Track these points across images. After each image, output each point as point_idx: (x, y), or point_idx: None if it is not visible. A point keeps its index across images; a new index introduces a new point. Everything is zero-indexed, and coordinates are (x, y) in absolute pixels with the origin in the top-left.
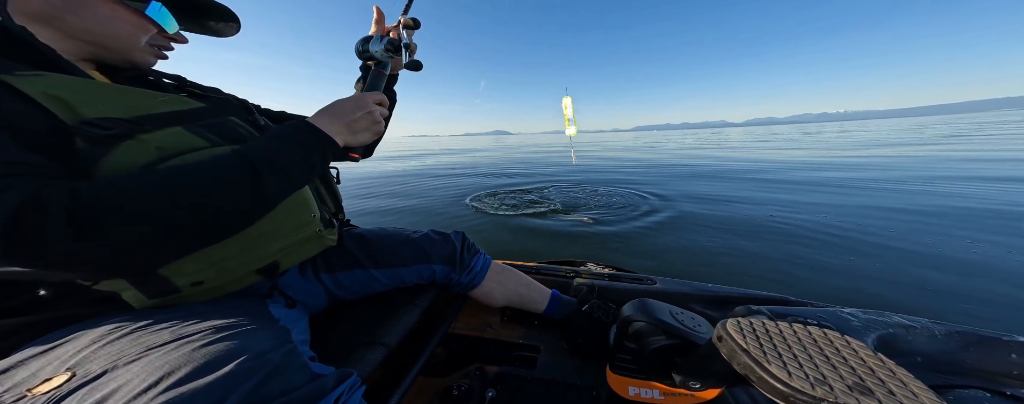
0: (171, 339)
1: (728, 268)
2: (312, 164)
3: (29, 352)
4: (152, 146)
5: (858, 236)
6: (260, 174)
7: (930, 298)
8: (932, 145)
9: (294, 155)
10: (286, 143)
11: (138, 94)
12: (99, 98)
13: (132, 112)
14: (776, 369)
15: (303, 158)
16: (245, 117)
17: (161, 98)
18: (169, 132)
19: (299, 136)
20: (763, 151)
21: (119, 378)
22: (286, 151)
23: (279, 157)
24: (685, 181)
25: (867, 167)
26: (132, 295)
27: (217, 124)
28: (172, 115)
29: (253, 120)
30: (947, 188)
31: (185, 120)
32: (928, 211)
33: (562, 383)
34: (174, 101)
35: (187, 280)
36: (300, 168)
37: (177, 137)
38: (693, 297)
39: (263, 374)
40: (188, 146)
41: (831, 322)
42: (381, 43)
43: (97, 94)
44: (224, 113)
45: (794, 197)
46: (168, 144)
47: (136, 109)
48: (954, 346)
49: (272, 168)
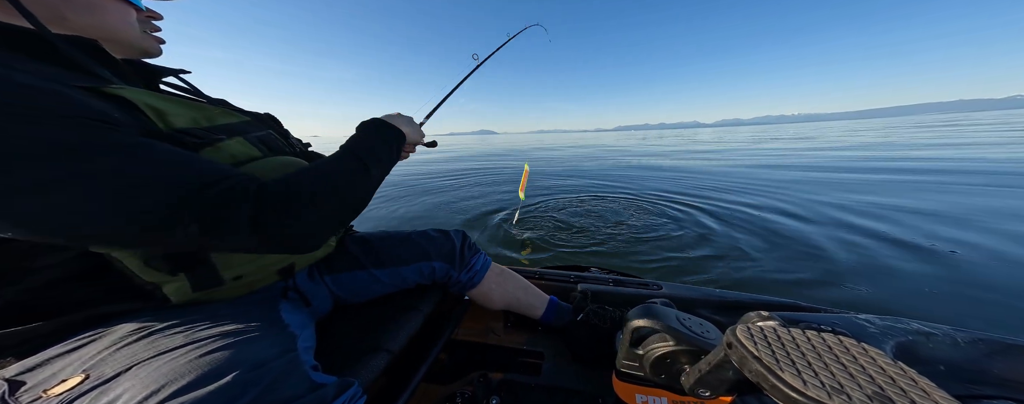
0: (183, 343)
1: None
2: (395, 151)
3: (55, 350)
4: (226, 153)
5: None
6: (367, 165)
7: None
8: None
9: (382, 148)
10: (376, 140)
11: (197, 107)
12: (178, 109)
13: (205, 123)
14: (790, 377)
15: (386, 149)
16: (277, 130)
17: (216, 111)
18: (235, 141)
19: (380, 133)
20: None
21: (125, 383)
22: (376, 146)
23: (374, 150)
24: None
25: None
26: (176, 288)
27: (264, 137)
28: (231, 127)
29: (283, 132)
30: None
31: (242, 132)
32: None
33: (567, 390)
34: (227, 114)
35: (232, 274)
36: (388, 154)
37: (241, 146)
38: (700, 302)
39: (264, 384)
40: (248, 155)
41: (847, 329)
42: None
43: (175, 106)
44: (264, 127)
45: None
46: (237, 152)
47: (207, 121)
48: (978, 354)
49: (374, 159)
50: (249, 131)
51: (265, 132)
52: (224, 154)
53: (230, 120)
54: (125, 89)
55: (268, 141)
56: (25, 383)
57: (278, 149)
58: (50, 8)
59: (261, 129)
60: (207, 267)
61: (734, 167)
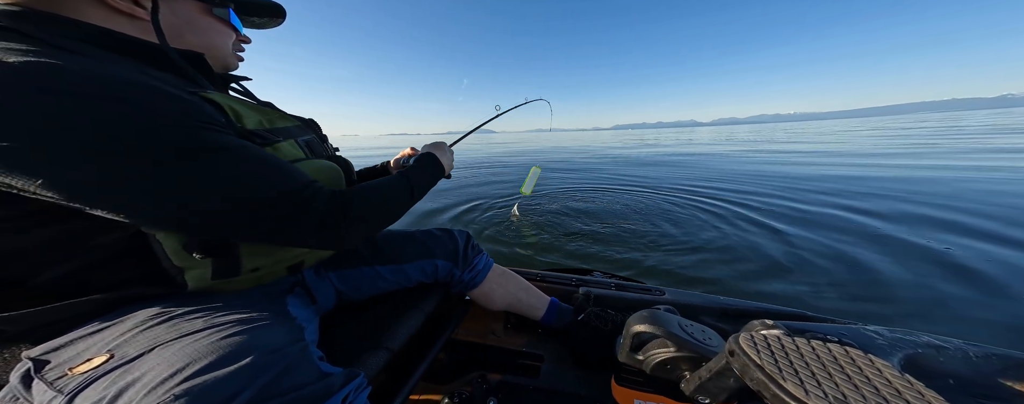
0: (203, 327)
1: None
2: (433, 183)
3: (81, 331)
4: (282, 153)
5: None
6: (413, 194)
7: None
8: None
9: (428, 179)
10: (427, 174)
11: (264, 110)
12: (250, 112)
13: (268, 125)
14: (792, 387)
15: (432, 180)
16: (317, 133)
17: (276, 114)
18: (288, 143)
19: (433, 167)
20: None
21: (149, 362)
22: (426, 179)
23: (423, 182)
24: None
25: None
26: (197, 275)
27: (308, 141)
28: (285, 130)
29: (322, 136)
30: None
31: (294, 135)
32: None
33: (565, 394)
34: (283, 117)
35: (251, 265)
36: (428, 186)
37: (292, 148)
38: (703, 309)
39: (279, 369)
40: (295, 157)
41: (853, 339)
42: None
43: (247, 108)
44: (309, 131)
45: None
46: (288, 154)
47: (269, 123)
48: (991, 369)
49: (420, 190)
50: (298, 134)
51: (311, 136)
52: (281, 154)
53: (285, 123)
54: (215, 94)
55: (311, 145)
56: (49, 361)
57: (318, 153)
58: (173, 27)
59: (308, 133)
60: (231, 257)
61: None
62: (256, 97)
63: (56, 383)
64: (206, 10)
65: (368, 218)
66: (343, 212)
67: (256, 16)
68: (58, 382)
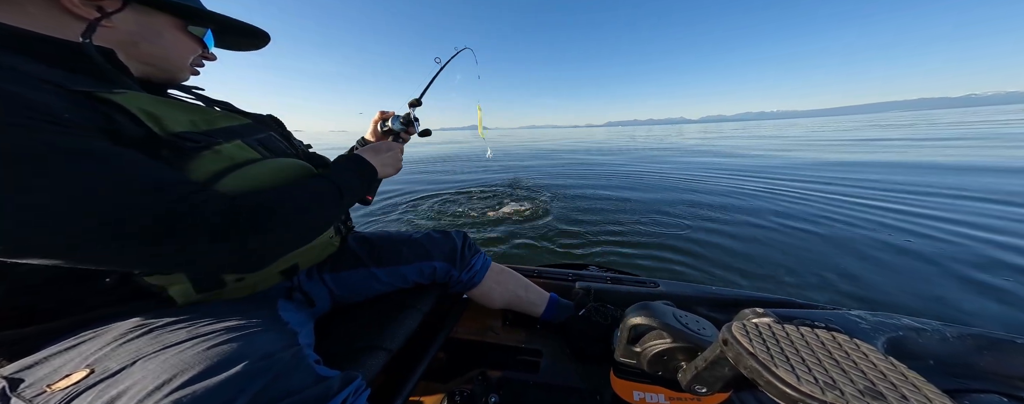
0: (187, 338)
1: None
2: (367, 188)
3: (53, 349)
4: (224, 156)
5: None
6: (343, 195)
7: None
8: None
9: (358, 182)
10: (354, 173)
11: (201, 110)
12: (176, 114)
13: (204, 127)
14: (784, 373)
15: (363, 184)
16: (279, 132)
17: (218, 114)
18: (234, 145)
19: (360, 167)
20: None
21: (134, 375)
22: (355, 179)
23: (352, 182)
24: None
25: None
26: (180, 289)
27: (264, 139)
28: (231, 130)
29: (285, 134)
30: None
31: (242, 134)
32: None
33: (565, 387)
34: (228, 117)
35: (234, 275)
36: (361, 190)
37: (240, 150)
38: (696, 300)
39: (272, 375)
40: (246, 158)
41: (839, 325)
42: (398, 120)
43: (174, 110)
44: (266, 129)
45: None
46: (235, 155)
47: (206, 124)
48: (967, 349)
49: (349, 190)
50: (248, 133)
51: (266, 134)
52: (223, 157)
53: (230, 123)
54: (121, 94)
55: (268, 143)
56: (24, 380)
57: (279, 151)
58: (130, 35)
59: (262, 131)
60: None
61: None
62: (207, 97)
63: (35, 400)
64: (180, 26)
65: (290, 224)
66: (251, 221)
67: (240, 37)
68: (37, 399)
